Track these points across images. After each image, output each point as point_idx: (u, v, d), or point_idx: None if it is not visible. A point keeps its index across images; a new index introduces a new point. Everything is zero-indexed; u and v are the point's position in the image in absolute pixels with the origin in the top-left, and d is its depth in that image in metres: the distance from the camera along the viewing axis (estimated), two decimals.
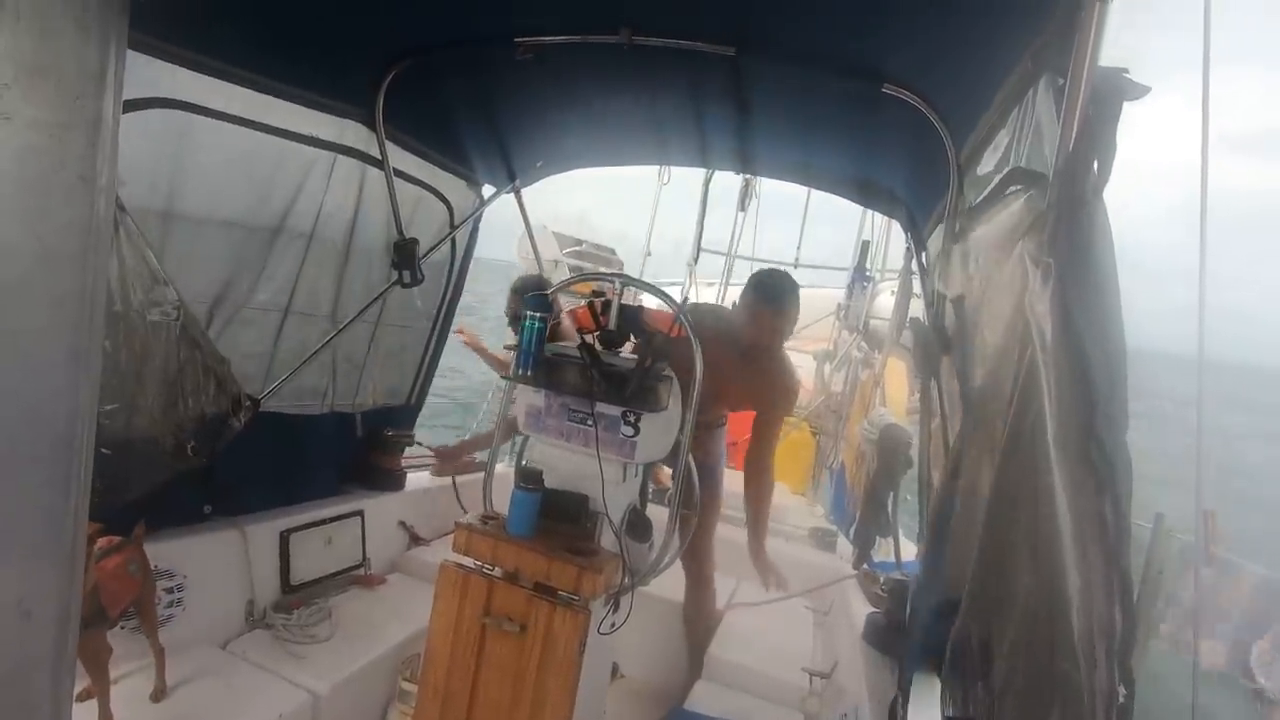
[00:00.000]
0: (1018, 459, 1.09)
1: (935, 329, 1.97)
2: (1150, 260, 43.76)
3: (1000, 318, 1.24)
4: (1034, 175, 1.24)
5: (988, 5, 1.39)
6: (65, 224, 0.45)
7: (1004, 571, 1.13)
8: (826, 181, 3.06)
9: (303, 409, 2.68)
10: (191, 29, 1.81)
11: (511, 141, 3.02)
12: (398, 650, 2.40)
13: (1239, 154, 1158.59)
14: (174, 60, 1.83)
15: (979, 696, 1.20)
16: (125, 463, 1.88)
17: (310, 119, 2.28)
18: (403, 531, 3.14)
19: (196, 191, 2.04)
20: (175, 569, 2.11)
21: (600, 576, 1.76)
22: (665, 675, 2.89)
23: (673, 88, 2.35)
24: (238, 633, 2.28)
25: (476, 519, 1.93)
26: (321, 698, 2.07)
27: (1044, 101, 1.21)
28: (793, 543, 3.73)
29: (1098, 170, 0.99)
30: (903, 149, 2.30)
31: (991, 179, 1.56)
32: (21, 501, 0.46)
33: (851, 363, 5.68)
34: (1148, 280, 7.74)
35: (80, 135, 0.45)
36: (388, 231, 2.71)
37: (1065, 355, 0.95)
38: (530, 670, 1.76)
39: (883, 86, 1.91)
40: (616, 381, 1.85)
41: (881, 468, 3.01)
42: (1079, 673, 0.87)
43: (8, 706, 0.48)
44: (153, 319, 1.88)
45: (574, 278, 2.85)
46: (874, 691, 2.11)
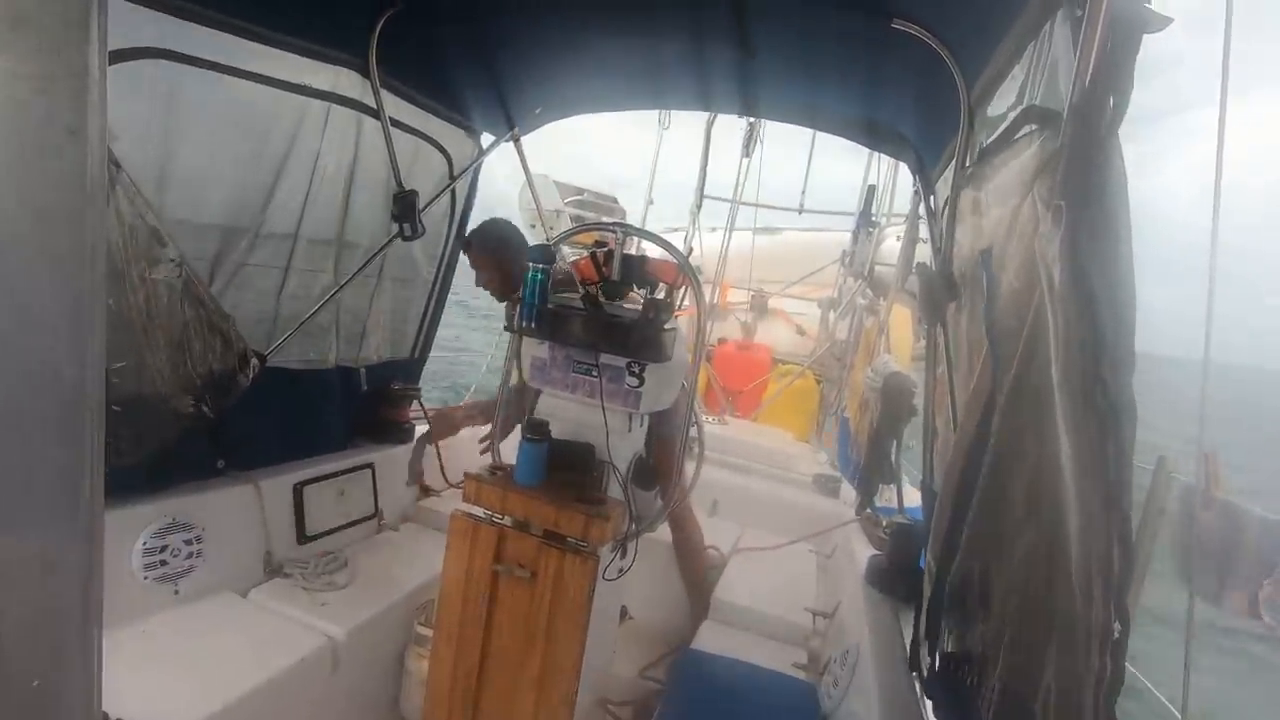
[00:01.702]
0: (1023, 401, 1.10)
1: (942, 275, 1.95)
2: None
3: (1010, 262, 1.23)
4: (1048, 114, 1.21)
5: None
6: (57, 179, 0.44)
7: (1006, 511, 1.15)
8: (832, 124, 2.98)
9: (309, 364, 2.70)
10: None
11: (509, 88, 2.94)
12: (412, 596, 2.47)
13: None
14: (160, 8, 1.77)
15: (978, 633, 1.23)
16: (137, 419, 1.91)
17: (303, 68, 2.21)
18: None
19: (190, 146, 2.00)
20: (193, 522, 2.16)
21: (608, 524, 1.80)
22: (672, 617, 2.98)
23: (674, 28, 2.27)
24: (257, 581, 2.35)
25: (485, 470, 1.96)
26: (340, 642, 2.15)
27: (1060, 35, 1.16)
28: (797, 489, 3.79)
29: (1114, 108, 0.96)
30: (911, 89, 2.23)
31: (1004, 119, 1.52)
32: (36, 459, 0.47)
33: (856, 310, 5.66)
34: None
35: (65, 87, 0.44)
36: (386, 184, 2.67)
37: (1073, 299, 0.94)
38: (541, 615, 1.81)
39: (891, 22, 1.84)
40: (620, 332, 1.85)
41: (885, 415, 3.03)
42: (1075, 609, 0.89)
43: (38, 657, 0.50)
44: (155, 277, 1.87)
45: (575, 228, 2.81)
46: (875, 629, 2.18)
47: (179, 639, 1.96)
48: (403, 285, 3.09)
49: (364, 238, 2.71)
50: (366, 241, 2.72)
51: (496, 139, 3.23)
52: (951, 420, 1.78)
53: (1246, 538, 2.04)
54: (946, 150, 2.14)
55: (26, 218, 0.42)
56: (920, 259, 3.50)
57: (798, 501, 3.62)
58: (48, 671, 0.50)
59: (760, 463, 4.03)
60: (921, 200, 2.68)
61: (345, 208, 2.60)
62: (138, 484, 2.05)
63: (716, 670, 2.27)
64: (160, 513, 2.08)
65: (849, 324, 5.88)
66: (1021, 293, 1.11)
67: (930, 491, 2.07)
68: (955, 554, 1.30)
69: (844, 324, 6.22)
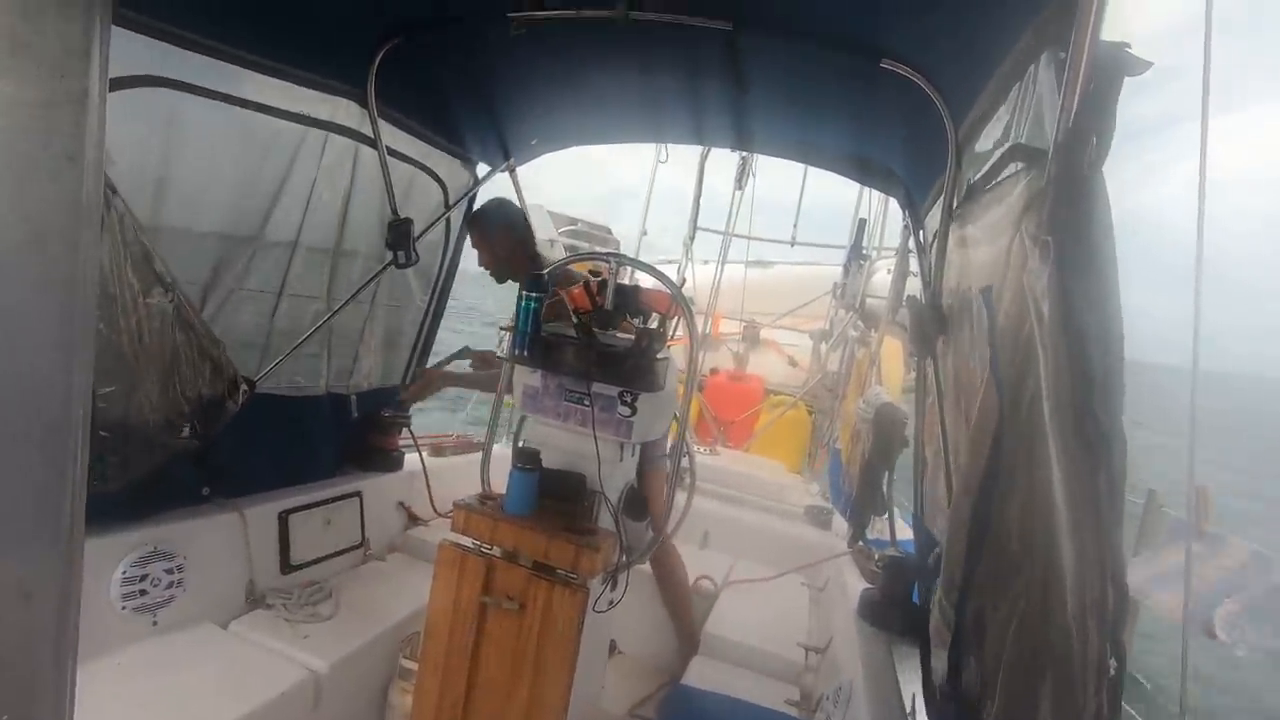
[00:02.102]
0: (1014, 435, 1.10)
1: (932, 308, 1.97)
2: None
3: (1002, 297, 1.24)
4: (1034, 152, 1.23)
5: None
6: (53, 204, 0.44)
7: (999, 546, 1.15)
8: (824, 159, 3.04)
9: (299, 391, 2.68)
10: (178, 5, 1.77)
11: (506, 119, 2.99)
12: (398, 628, 2.42)
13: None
14: (162, 37, 1.79)
15: (973, 668, 1.22)
16: (123, 445, 1.88)
17: (302, 97, 2.24)
18: (401, 512, 3.16)
19: (187, 172, 2.01)
20: (175, 550, 2.12)
21: (598, 555, 1.78)
22: (662, 651, 2.93)
23: (669, 64, 2.32)
24: (238, 612, 2.30)
25: (475, 499, 1.94)
26: (322, 675, 2.09)
27: (1045, 77, 1.20)
28: (788, 520, 3.76)
29: (1097, 146, 0.98)
30: (901, 126, 2.28)
31: (991, 156, 1.55)
32: (17, 485, 0.46)
33: (848, 341, 5.69)
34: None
35: (65, 113, 0.45)
36: (381, 211, 2.69)
37: (1062, 333, 0.95)
38: (529, 648, 1.78)
39: (881, 62, 1.89)
40: (613, 361, 1.85)
41: (877, 446, 3.03)
42: (1071, 646, 0.88)
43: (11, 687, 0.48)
44: (147, 301, 1.87)
45: (570, 257, 2.83)
46: (868, 665, 2.14)
47: (155, 672, 1.91)
48: (396, 312, 3.09)
49: (358, 264, 2.72)
50: (360, 268, 2.72)
51: (492, 169, 3.26)
52: (942, 452, 1.78)
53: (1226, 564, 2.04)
54: (935, 186, 2.18)
55: (21, 241, 0.42)
56: (910, 292, 3.54)
57: (790, 533, 3.59)
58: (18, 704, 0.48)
59: (752, 494, 4.01)
60: (911, 234, 2.72)
61: (340, 234, 2.61)
62: (120, 511, 2.02)
63: (707, 707, 2.22)
64: (142, 540, 2.04)
65: (840, 355, 5.91)
66: (1015, 328, 1.12)
67: (921, 526, 2.06)
68: (966, 592, 1.28)
69: (836, 355, 6.25)
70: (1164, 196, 54.94)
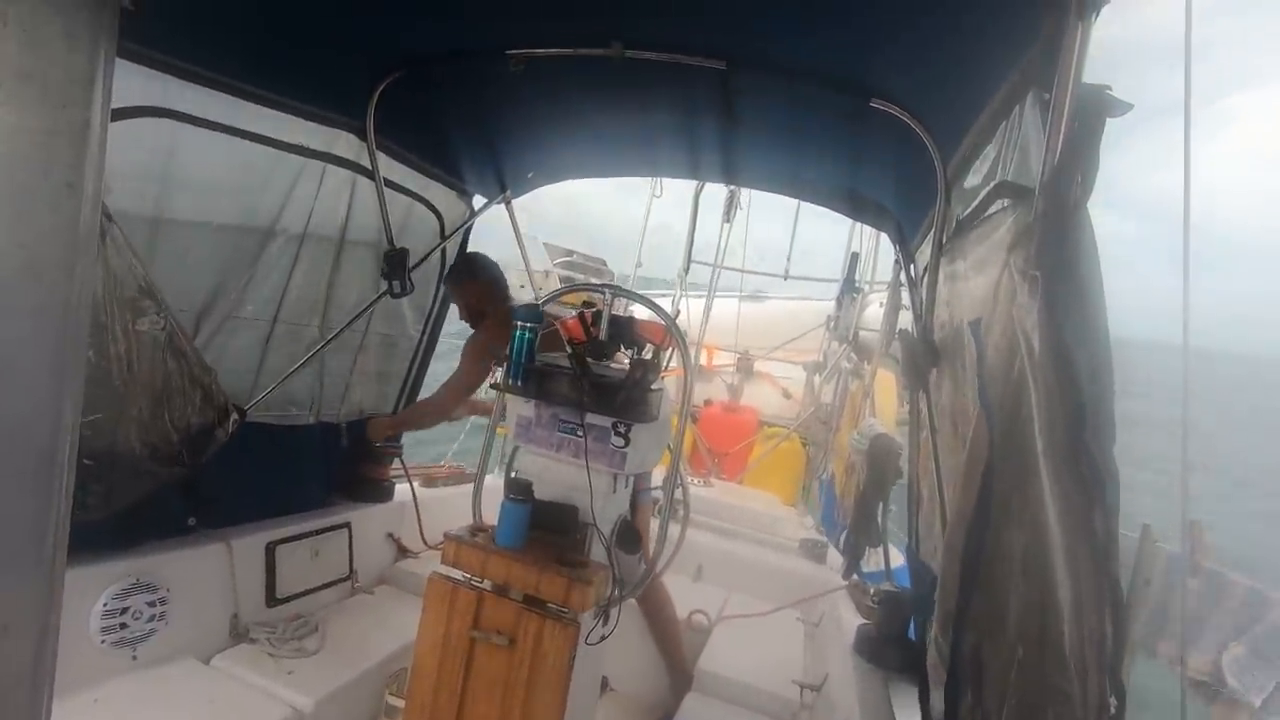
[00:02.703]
0: (1007, 470, 1.10)
1: (924, 341, 1.98)
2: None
3: (991, 330, 1.25)
4: (1020, 189, 1.26)
5: (975, 23, 1.41)
6: (50, 232, 0.44)
7: (995, 582, 1.14)
8: (816, 194, 3.09)
9: (289, 419, 2.66)
10: (182, 38, 1.80)
11: (502, 152, 3.03)
12: (385, 664, 2.37)
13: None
14: (164, 69, 1.82)
15: (972, 707, 1.20)
16: (109, 474, 1.85)
17: (300, 129, 2.27)
18: (390, 543, 3.11)
19: (185, 201, 2.02)
20: (158, 582, 2.08)
21: (590, 589, 1.75)
22: (655, 689, 2.87)
23: (663, 101, 2.37)
24: (221, 646, 2.25)
25: (465, 530, 1.91)
26: (306, 714, 2.04)
27: (1030, 116, 1.23)
28: (783, 554, 3.72)
29: (1082, 184, 1.01)
30: (891, 163, 2.32)
31: (979, 192, 1.58)
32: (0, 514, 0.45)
33: (841, 374, 5.71)
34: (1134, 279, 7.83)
35: (67, 143, 0.45)
36: (377, 241, 2.71)
37: (1053, 367, 0.95)
38: (519, 684, 1.74)
39: (870, 101, 1.93)
40: (607, 392, 1.85)
41: (871, 478, 3.02)
42: (1070, 684, 0.87)
43: None
44: (139, 329, 1.86)
45: (564, 288, 2.85)
46: (865, 703, 2.10)
47: (134, 708, 1.86)
48: (389, 342, 3.09)
49: (352, 294, 2.72)
50: (355, 297, 2.73)
51: (488, 200, 3.30)
52: (936, 486, 1.78)
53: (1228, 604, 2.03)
54: (925, 221, 2.22)
55: (17, 268, 0.42)
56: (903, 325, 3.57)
57: (784, 567, 3.55)
58: None
59: (746, 526, 3.98)
60: (902, 268, 2.75)
61: (335, 264, 2.62)
62: (103, 540, 1.98)
63: None
64: (124, 572, 2.00)
65: (834, 387, 5.92)
66: (1004, 361, 1.13)
67: (917, 559, 2.04)
68: (961, 627, 1.27)
69: (829, 387, 6.26)
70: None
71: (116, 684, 1.92)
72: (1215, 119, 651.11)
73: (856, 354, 5.49)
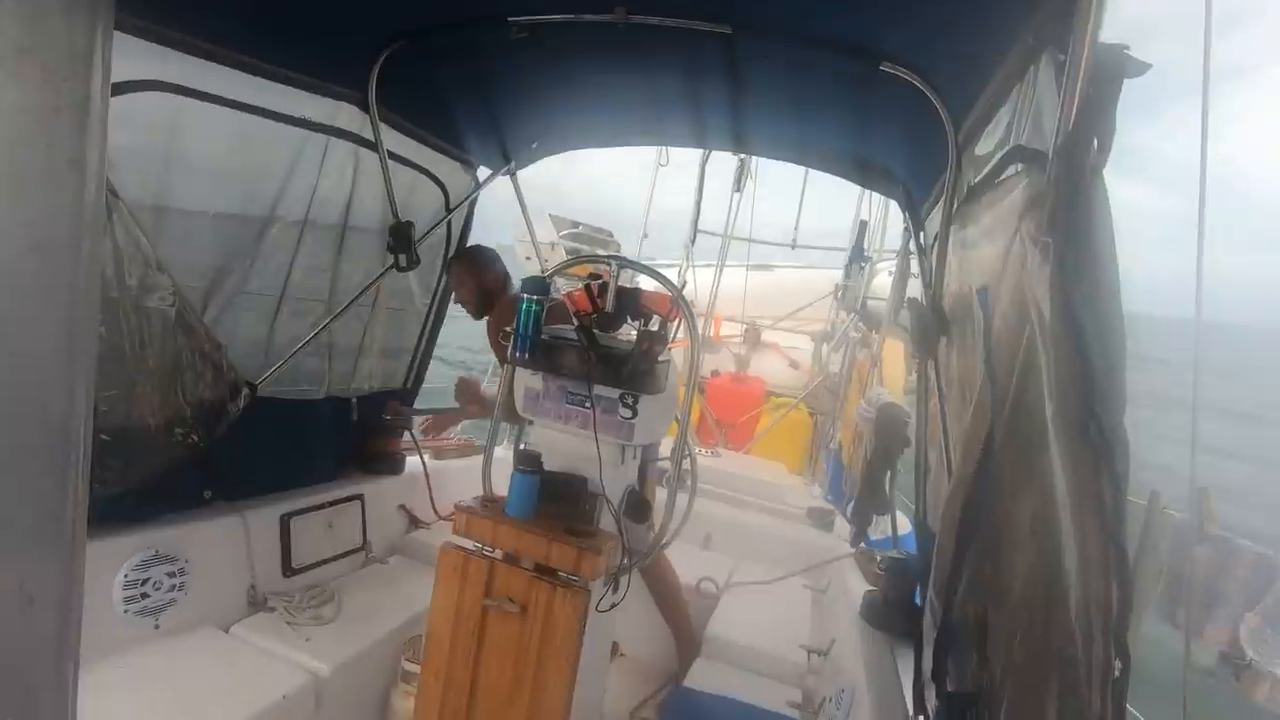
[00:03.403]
0: (1016, 438, 1.10)
1: (933, 309, 1.97)
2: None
3: (999, 298, 1.24)
4: (1034, 154, 1.23)
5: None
6: (55, 209, 0.44)
7: (1002, 549, 1.14)
8: (824, 161, 3.04)
9: (300, 394, 2.68)
10: (180, 9, 1.78)
11: (506, 123, 2.99)
12: (400, 631, 2.42)
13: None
14: (163, 42, 1.80)
15: (980, 674, 1.21)
16: (126, 449, 1.88)
17: (303, 101, 2.25)
18: (402, 515, 3.16)
19: (189, 176, 2.01)
20: (177, 554, 2.12)
21: (600, 557, 1.78)
22: (665, 653, 2.93)
23: (668, 67, 2.33)
24: (240, 615, 2.30)
25: (476, 502, 1.94)
26: (324, 679, 2.09)
27: (1045, 79, 1.20)
28: (790, 522, 3.76)
29: (1097, 148, 0.98)
30: (901, 128, 2.28)
31: (991, 158, 1.55)
32: (19, 490, 0.46)
33: (849, 343, 5.69)
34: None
35: (68, 119, 0.45)
36: (383, 215, 2.69)
37: (1063, 335, 0.95)
38: (531, 650, 1.77)
39: (880, 65, 1.89)
40: (614, 364, 1.85)
41: (879, 447, 3.03)
42: (1075, 648, 0.88)
43: (13, 692, 0.48)
44: (148, 305, 1.87)
45: (570, 260, 2.84)
46: (871, 668, 2.14)
47: (157, 675, 1.91)
48: (397, 316, 3.09)
49: (359, 268, 2.72)
50: (362, 272, 2.73)
51: (493, 172, 3.27)
52: (944, 454, 1.78)
53: (1239, 572, 2.04)
54: (935, 187, 2.18)
55: (23, 246, 0.43)
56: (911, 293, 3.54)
57: (792, 535, 3.59)
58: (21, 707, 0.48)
59: (753, 495, 4.01)
60: (912, 236, 2.72)
61: (341, 238, 2.62)
62: (122, 514, 2.02)
63: (709, 709, 2.22)
64: (144, 544, 2.05)
65: (842, 357, 5.91)
66: (1014, 329, 1.12)
67: (924, 527, 2.05)
68: (956, 593, 1.28)
69: (837, 357, 6.25)
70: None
71: (141, 652, 1.97)
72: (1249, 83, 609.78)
73: (864, 323, 5.47)
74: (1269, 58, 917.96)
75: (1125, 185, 46.75)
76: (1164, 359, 3.02)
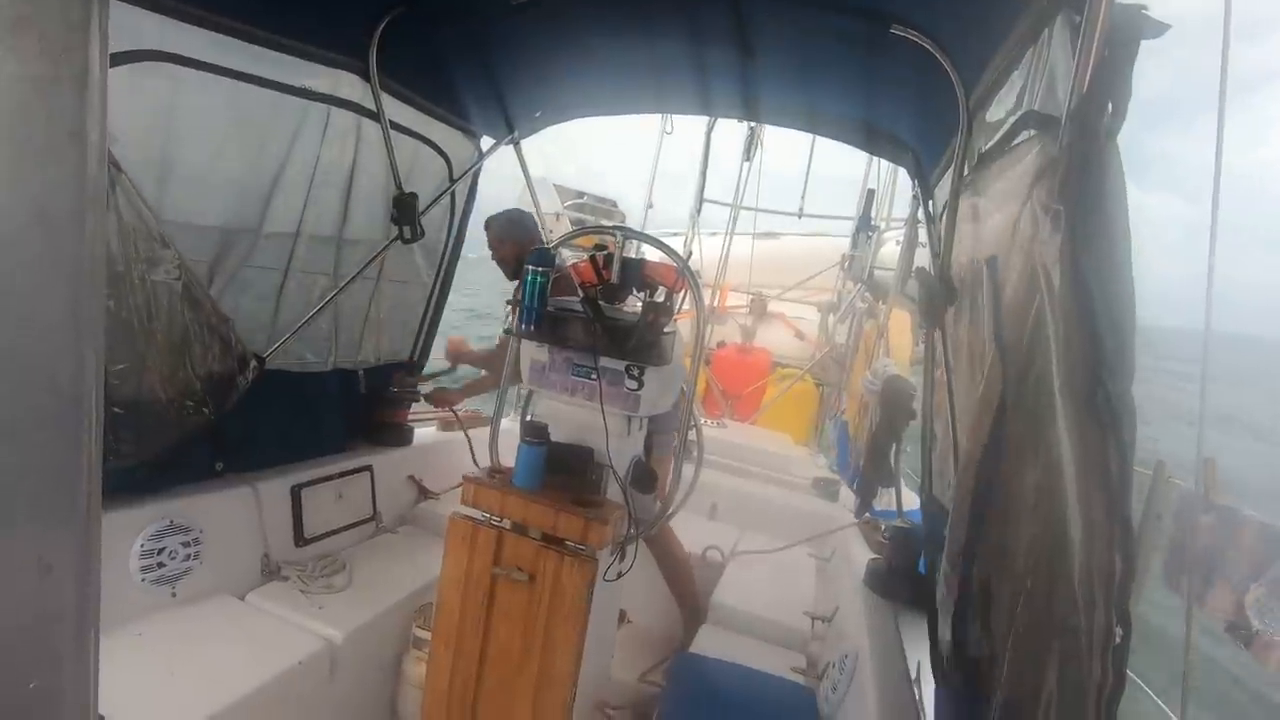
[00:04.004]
0: (1024, 405, 1.10)
1: (941, 279, 1.95)
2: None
3: (1010, 267, 1.23)
4: (1047, 119, 1.21)
5: None
6: (57, 182, 0.44)
7: (1007, 517, 1.15)
8: (832, 127, 2.99)
9: (307, 367, 2.69)
10: None
11: (509, 91, 2.95)
12: (411, 599, 2.47)
13: None
14: (161, 10, 1.77)
15: (979, 636, 1.23)
16: (137, 421, 1.90)
17: (303, 70, 2.22)
18: (411, 485, 3.19)
19: (190, 148, 2.00)
20: (191, 524, 2.16)
21: (606, 527, 1.80)
22: (671, 621, 2.98)
23: (673, 32, 2.28)
24: (255, 584, 2.35)
25: (484, 472, 1.96)
26: (338, 645, 2.14)
27: (1060, 41, 1.17)
28: (796, 492, 3.78)
29: (1112, 113, 0.96)
30: (910, 93, 2.23)
31: (1003, 124, 1.52)
32: (35, 461, 0.47)
33: (855, 314, 5.65)
34: None
35: (67, 90, 0.44)
36: (386, 186, 2.67)
37: (1073, 304, 0.94)
38: (540, 618, 1.81)
39: (890, 28, 1.85)
40: (620, 335, 1.85)
41: (884, 419, 3.03)
42: (1078, 614, 0.89)
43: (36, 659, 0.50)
44: (155, 279, 1.87)
45: (575, 231, 2.82)
46: (874, 634, 2.17)
47: (175, 641, 1.96)
48: (402, 288, 3.09)
49: (364, 240, 2.71)
50: (366, 244, 2.72)
51: (496, 142, 3.23)
52: (950, 425, 1.78)
53: (1243, 542, 2.04)
54: (945, 154, 2.15)
55: (26, 220, 0.42)
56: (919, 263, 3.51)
57: (797, 505, 3.62)
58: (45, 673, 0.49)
59: (759, 466, 4.03)
60: (920, 204, 2.69)
61: (345, 210, 2.60)
62: (136, 485, 2.05)
63: (715, 674, 2.26)
64: (158, 514, 2.08)
65: (848, 328, 5.88)
66: (1023, 298, 1.11)
67: (930, 497, 2.06)
68: (969, 561, 1.29)
69: (843, 328, 6.22)
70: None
71: (158, 619, 2.02)
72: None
73: (871, 294, 5.43)
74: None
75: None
76: None
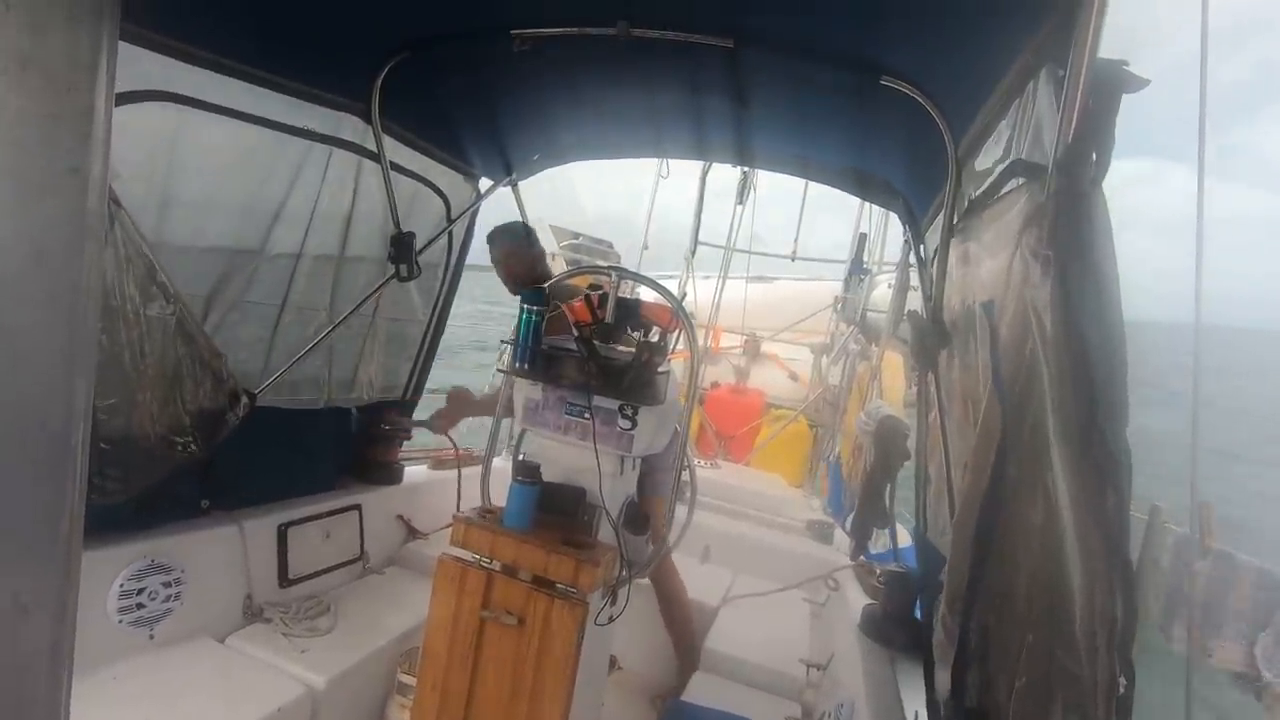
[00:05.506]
0: (1019, 450, 1.09)
1: (933, 322, 1.97)
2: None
3: (1001, 311, 1.24)
4: (1034, 168, 1.24)
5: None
6: (57, 218, 0.44)
7: (1005, 563, 1.14)
8: (824, 174, 3.05)
9: (300, 404, 2.68)
10: (185, 20, 1.79)
11: (508, 134, 3.01)
12: (396, 643, 2.41)
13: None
14: (168, 52, 1.81)
15: (980, 685, 1.20)
16: (125, 458, 1.88)
17: (306, 112, 2.26)
18: (400, 525, 3.14)
19: (191, 186, 2.02)
20: (173, 563, 2.11)
21: (598, 569, 1.76)
22: (663, 668, 2.90)
23: (670, 80, 2.34)
24: (236, 626, 2.28)
25: (474, 512, 1.93)
26: (319, 691, 2.08)
27: (1045, 93, 1.20)
28: (789, 535, 3.74)
29: (1096, 162, 0.99)
30: (901, 141, 2.29)
31: (991, 172, 1.56)
32: (15, 498, 0.46)
33: (849, 355, 5.69)
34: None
35: (71, 127, 0.45)
36: (384, 225, 2.70)
37: (1066, 347, 0.95)
38: (529, 663, 1.76)
39: (881, 79, 1.90)
40: (614, 374, 1.85)
41: (878, 460, 3.02)
42: (1080, 664, 0.88)
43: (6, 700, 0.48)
44: (149, 314, 1.87)
45: (571, 270, 2.84)
46: (870, 682, 2.12)
47: (151, 686, 1.90)
48: (398, 326, 3.10)
49: (360, 278, 2.73)
50: (363, 282, 2.73)
51: (495, 183, 3.28)
52: (944, 467, 1.77)
53: (1243, 590, 2.02)
54: (935, 201, 2.19)
55: (24, 254, 0.43)
56: (911, 306, 3.54)
57: (791, 548, 3.57)
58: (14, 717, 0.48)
59: (753, 508, 3.99)
60: (912, 249, 2.73)
61: (342, 248, 2.62)
62: (118, 523, 2.01)
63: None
64: (140, 553, 2.03)
65: (842, 369, 5.90)
66: (1018, 343, 1.12)
67: (924, 540, 2.04)
68: (969, 606, 1.27)
69: (837, 369, 6.24)
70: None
71: (135, 662, 1.95)
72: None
73: (864, 335, 5.47)
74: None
75: None
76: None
